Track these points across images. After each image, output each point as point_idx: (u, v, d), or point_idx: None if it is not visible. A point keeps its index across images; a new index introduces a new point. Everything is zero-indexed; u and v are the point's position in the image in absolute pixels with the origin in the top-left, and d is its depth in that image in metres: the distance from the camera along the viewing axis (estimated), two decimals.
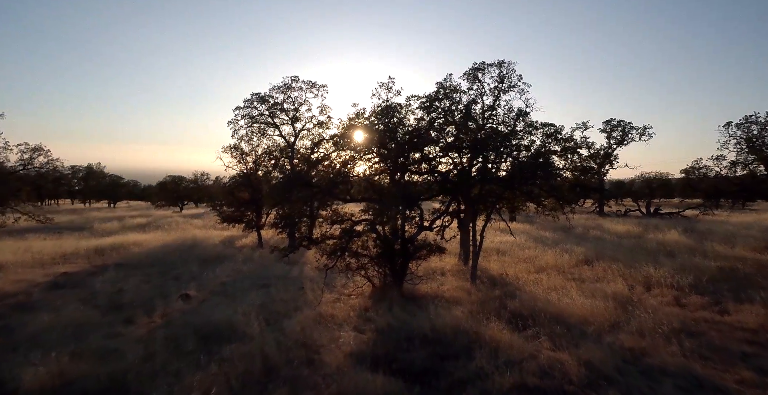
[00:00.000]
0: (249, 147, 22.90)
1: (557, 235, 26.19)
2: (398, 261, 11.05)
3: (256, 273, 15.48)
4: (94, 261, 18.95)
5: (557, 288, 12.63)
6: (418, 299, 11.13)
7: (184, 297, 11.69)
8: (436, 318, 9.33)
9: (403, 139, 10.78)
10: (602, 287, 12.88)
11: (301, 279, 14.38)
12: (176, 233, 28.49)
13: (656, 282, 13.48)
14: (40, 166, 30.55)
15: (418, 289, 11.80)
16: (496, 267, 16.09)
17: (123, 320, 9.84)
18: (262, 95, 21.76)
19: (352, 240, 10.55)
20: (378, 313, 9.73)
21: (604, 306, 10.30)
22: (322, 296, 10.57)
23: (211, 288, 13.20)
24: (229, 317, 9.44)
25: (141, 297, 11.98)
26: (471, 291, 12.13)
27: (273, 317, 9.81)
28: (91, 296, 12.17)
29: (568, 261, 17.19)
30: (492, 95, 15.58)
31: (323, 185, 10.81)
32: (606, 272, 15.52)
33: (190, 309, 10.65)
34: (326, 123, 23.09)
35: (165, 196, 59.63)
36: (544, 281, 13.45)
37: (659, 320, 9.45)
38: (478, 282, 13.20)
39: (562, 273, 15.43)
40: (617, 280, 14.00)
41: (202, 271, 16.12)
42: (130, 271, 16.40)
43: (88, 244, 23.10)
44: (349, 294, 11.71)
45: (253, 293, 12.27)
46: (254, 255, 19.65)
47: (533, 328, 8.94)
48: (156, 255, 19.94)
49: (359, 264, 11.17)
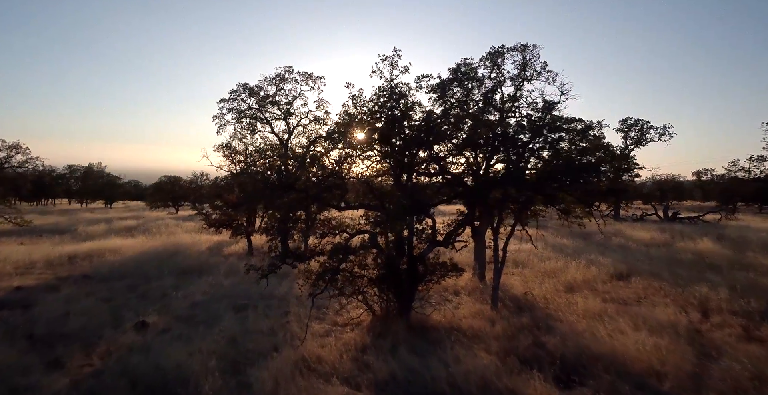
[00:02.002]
0: (239, 145, 20.72)
1: (576, 243, 23.87)
2: (404, 284, 8.80)
3: (237, 290, 13.27)
4: (60, 272, 16.78)
5: (598, 314, 10.36)
6: (429, 332, 8.88)
7: (139, 325, 9.48)
8: (455, 363, 7.10)
9: (411, 132, 8.54)
10: (649, 313, 10.62)
11: (288, 298, 12.16)
12: (162, 238, 26.28)
13: (714, 306, 11.20)
14: (18, 165, 28.43)
15: (429, 318, 9.53)
16: (518, 283, 13.83)
17: (48, 362, 7.62)
18: (251, 87, 19.55)
19: (347, 258, 8.30)
20: (379, 356, 7.48)
21: (668, 344, 8.04)
22: (308, 329, 8.30)
23: (177, 311, 10.98)
24: (183, 361, 7.22)
25: (89, 325, 9.79)
26: (494, 319, 9.87)
27: (242, 361, 7.58)
28: (27, 322, 9.97)
29: (598, 277, 14.91)
30: (513, 84, 13.33)
31: (311, 189, 8.59)
32: (646, 291, 13.27)
33: (141, 344, 8.42)
34: (323, 119, 20.88)
35: (160, 197, 57.56)
36: (580, 304, 11.17)
37: (745, 365, 7.20)
38: (500, 304, 10.96)
39: (595, 291, 13.16)
40: (664, 303, 11.75)
41: (176, 286, 13.93)
42: (94, 286, 14.23)
43: (62, 251, 20.94)
44: (343, 323, 9.45)
45: (227, 319, 10.05)
46: (241, 265, 17.36)
47: (587, 383, 6.68)
48: (131, 265, 17.75)
49: (356, 288, 8.93)
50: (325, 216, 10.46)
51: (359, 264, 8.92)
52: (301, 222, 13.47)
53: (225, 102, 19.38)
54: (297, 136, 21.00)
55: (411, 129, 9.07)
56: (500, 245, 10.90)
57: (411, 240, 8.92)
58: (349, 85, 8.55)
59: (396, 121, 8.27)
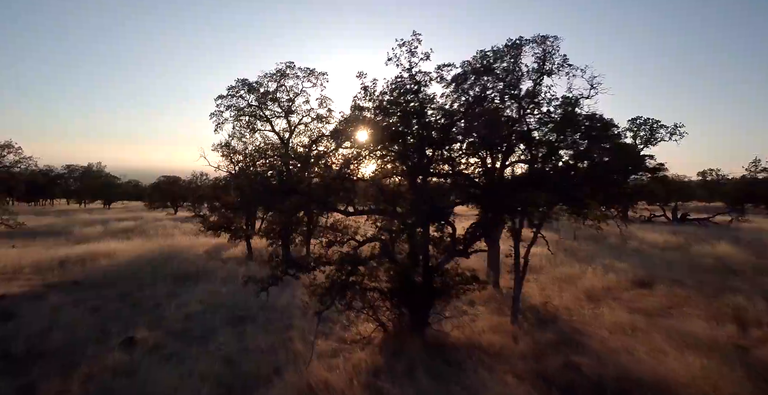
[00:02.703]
0: (238, 144, 19.80)
1: (588, 246, 23.01)
2: (420, 298, 7.92)
3: (235, 300, 12.39)
4: (50, 277, 15.90)
5: (629, 328, 9.53)
6: (447, 350, 8.01)
7: (127, 343, 8.61)
8: (482, 390, 6.25)
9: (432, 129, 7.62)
10: (682, 325, 9.80)
11: (289, 309, 11.29)
12: (159, 240, 25.39)
13: (752, 318, 10.35)
14: (10, 165, 27.56)
15: (447, 334, 8.65)
16: (535, 292, 12.97)
17: (20, 388, 6.76)
18: (251, 83, 18.63)
19: (357, 269, 7.42)
20: (394, 381, 6.63)
21: (716, 365, 7.19)
22: (314, 351, 7.42)
23: (170, 324, 10.12)
24: (173, 388, 6.36)
25: (73, 340, 8.93)
26: (516, 334, 9.02)
27: (239, 387, 6.71)
28: (5, 338, 9.09)
29: (618, 284, 14.08)
30: (530, 79, 12.44)
31: (316, 193, 7.72)
32: (672, 300, 12.42)
33: (126, 366, 7.55)
34: (326, 117, 19.96)
35: (159, 198, 56.66)
36: (606, 316, 10.32)
37: None
38: (520, 316, 10.10)
39: (619, 300, 12.31)
40: (695, 314, 10.89)
41: (170, 294, 13.10)
42: (83, 294, 13.36)
43: (54, 254, 20.07)
44: (351, 340, 8.57)
45: (223, 335, 9.18)
46: (240, 271, 16.54)
47: None
48: (124, 270, 16.89)
49: (366, 302, 8.06)
50: (331, 221, 9.60)
51: (369, 276, 8.04)
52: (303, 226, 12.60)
53: (223, 99, 18.46)
54: (298, 135, 20.09)
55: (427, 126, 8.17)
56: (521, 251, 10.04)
57: (427, 249, 8.04)
58: (361, 75, 7.62)
59: (415, 116, 7.37)
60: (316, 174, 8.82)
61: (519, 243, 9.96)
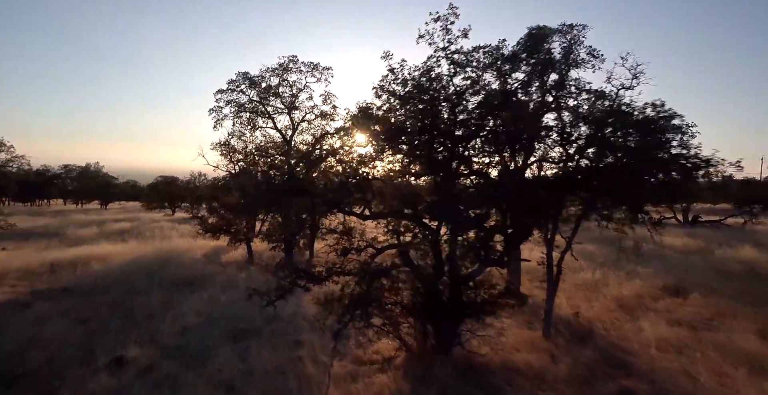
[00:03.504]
0: (239, 143, 18.81)
1: (603, 249, 21.97)
2: (448, 314, 6.92)
3: (236, 309, 11.37)
4: (38, 283, 14.88)
5: (675, 345, 8.55)
6: (479, 373, 7.01)
7: (115, 363, 7.61)
8: None
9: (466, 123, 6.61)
10: (733, 341, 8.84)
11: (296, 320, 10.30)
12: (155, 243, 24.36)
13: None
14: (1, 164, 26.52)
15: (476, 354, 7.64)
16: (562, 301, 11.96)
17: None
18: (252, 77, 17.62)
19: (378, 283, 6.44)
20: None
21: None
22: (330, 380, 6.41)
23: (165, 339, 9.12)
24: None
25: (55, 359, 7.94)
26: (552, 351, 8.04)
27: None
28: None
29: (647, 292, 13.14)
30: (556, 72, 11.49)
31: (328, 194, 6.73)
32: (710, 310, 11.46)
33: (115, 392, 6.56)
34: (331, 114, 18.97)
35: (156, 198, 55.60)
36: (647, 331, 9.34)
37: None
38: (552, 330, 9.12)
39: (653, 311, 11.33)
40: (742, 327, 9.92)
41: (166, 303, 12.13)
42: (72, 302, 12.37)
43: (45, 258, 19.09)
44: (369, 361, 7.57)
45: (224, 353, 8.18)
46: (240, 276, 15.52)
47: None
48: (117, 275, 15.87)
49: (387, 319, 7.06)
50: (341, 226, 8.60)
51: (389, 289, 7.04)
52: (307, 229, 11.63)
53: (223, 93, 17.45)
54: (301, 133, 19.10)
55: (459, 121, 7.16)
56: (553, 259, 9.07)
57: (454, 259, 7.05)
58: (387, 56, 6.56)
59: (447, 105, 6.39)
60: (327, 172, 7.82)
61: (552, 251, 9.00)
